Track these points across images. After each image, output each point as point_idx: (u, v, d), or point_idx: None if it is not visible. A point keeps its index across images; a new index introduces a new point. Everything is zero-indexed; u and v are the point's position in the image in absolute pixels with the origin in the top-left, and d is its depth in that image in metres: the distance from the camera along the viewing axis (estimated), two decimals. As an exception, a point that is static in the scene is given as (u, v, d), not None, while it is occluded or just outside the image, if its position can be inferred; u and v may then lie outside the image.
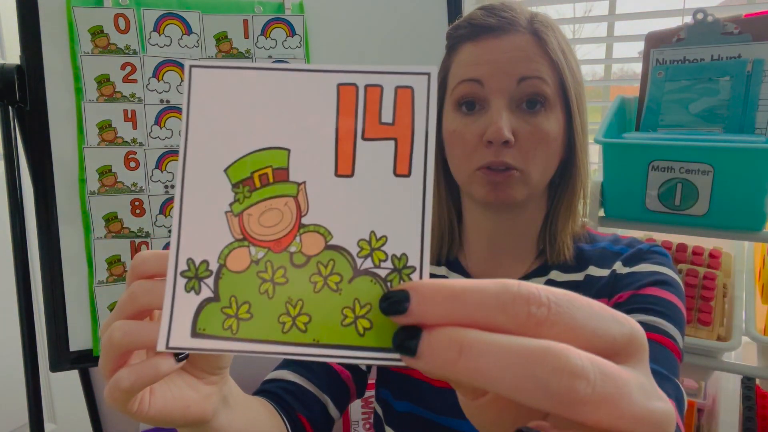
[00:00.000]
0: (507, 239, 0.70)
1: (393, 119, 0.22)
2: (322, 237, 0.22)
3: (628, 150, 0.87)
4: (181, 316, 0.23)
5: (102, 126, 0.94)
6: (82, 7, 0.92)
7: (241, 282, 0.22)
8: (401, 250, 0.22)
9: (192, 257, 0.23)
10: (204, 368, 0.43)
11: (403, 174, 0.22)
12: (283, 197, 0.23)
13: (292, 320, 0.22)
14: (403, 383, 0.69)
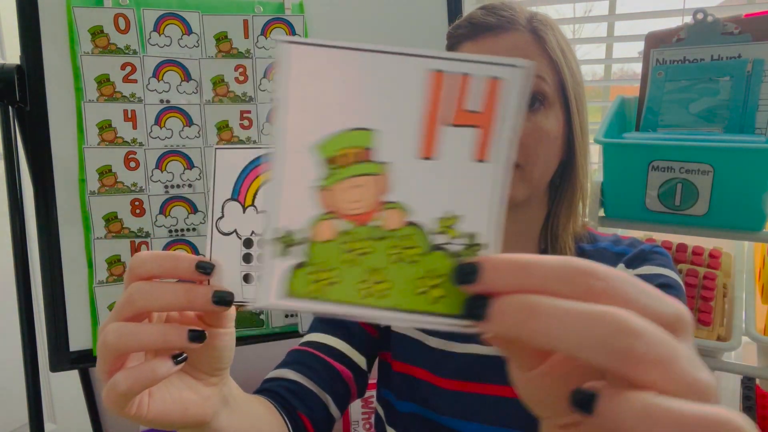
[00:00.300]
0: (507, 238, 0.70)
1: (480, 107, 0.23)
2: (401, 213, 0.24)
3: (628, 150, 0.87)
4: (273, 279, 0.25)
5: (102, 126, 0.94)
6: (82, 7, 0.92)
7: (327, 251, 0.25)
8: (474, 229, 0.24)
9: (284, 226, 0.25)
10: (203, 369, 0.43)
11: (481, 159, 0.24)
12: (369, 176, 0.24)
13: (372, 287, 0.24)
14: (407, 384, 0.69)
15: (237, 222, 0.38)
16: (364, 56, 0.23)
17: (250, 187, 0.38)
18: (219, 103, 0.99)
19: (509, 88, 0.23)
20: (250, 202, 0.39)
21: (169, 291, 0.36)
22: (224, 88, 1.00)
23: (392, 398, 0.70)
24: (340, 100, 0.24)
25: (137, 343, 0.35)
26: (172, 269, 0.37)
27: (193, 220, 0.99)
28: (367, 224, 0.25)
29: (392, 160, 0.24)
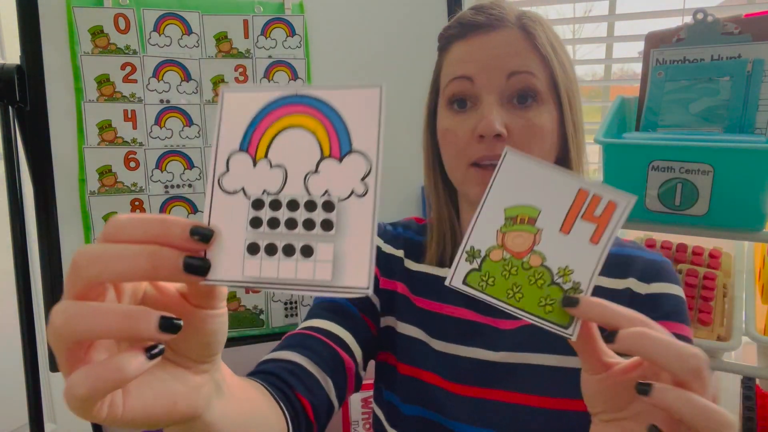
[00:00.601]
0: None
1: (600, 214, 0.39)
2: (541, 259, 0.40)
3: (628, 150, 0.87)
4: (460, 272, 0.41)
5: (102, 126, 0.94)
6: (82, 7, 0.92)
7: (493, 266, 0.41)
8: (579, 279, 0.39)
9: (474, 245, 0.41)
10: (191, 356, 0.35)
11: (594, 243, 0.39)
12: (528, 233, 0.41)
13: (514, 293, 0.40)
14: (414, 387, 0.68)
15: (245, 178, 0.32)
16: (554, 171, 0.40)
17: (264, 136, 0.32)
18: (219, 103, 0.99)
19: (621, 209, 0.39)
20: (263, 155, 0.32)
21: (127, 253, 0.29)
22: (224, 88, 1.00)
23: (396, 401, 0.70)
24: (530, 190, 0.41)
25: (90, 330, 0.28)
26: (159, 236, 0.30)
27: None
28: (520, 259, 0.40)
29: (544, 228, 0.40)
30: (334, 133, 0.32)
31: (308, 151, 0.32)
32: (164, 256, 0.29)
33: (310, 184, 0.32)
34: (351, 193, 0.31)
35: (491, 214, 0.41)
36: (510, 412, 0.64)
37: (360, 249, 0.30)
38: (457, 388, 0.66)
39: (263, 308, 1.04)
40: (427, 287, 0.71)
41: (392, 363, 0.72)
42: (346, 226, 0.31)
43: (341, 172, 0.31)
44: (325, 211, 0.31)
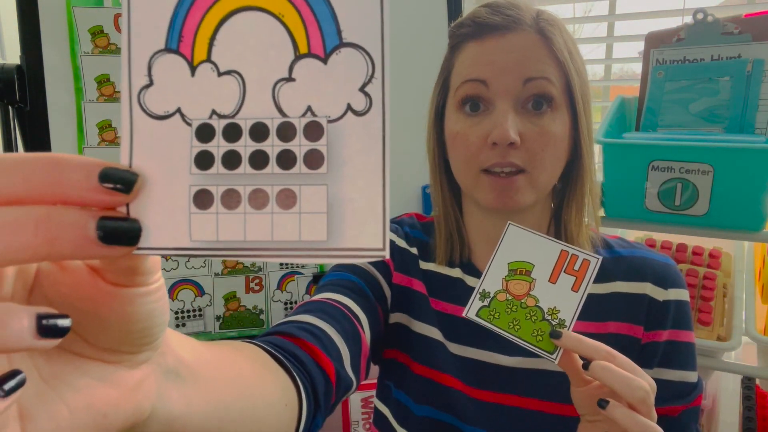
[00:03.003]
0: None
1: (579, 268, 0.52)
2: (535, 300, 0.52)
3: (628, 150, 0.87)
4: (474, 307, 0.52)
5: (102, 126, 0.94)
6: (82, 7, 0.92)
7: (499, 305, 0.52)
8: (564, 317, 0.51)
9: (485, 288, 0.53)
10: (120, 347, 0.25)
11: (574, 291, 0.51)
12: (525, 281, 0.52)
13: (514, 325, 0.51)
14: (429, 389, 0.68)
15: (181, 93, 0.21)
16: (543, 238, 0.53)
17: (202, 26, 0.21)
18: (219, 103, 0.99)
19: (593, 265, 0.51)
20: (204, 56, 0.21)
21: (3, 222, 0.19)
22: (224, 88, 1.00)
23: (408, 400, 0.69)
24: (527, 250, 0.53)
25: None
26: (51, 188, 0.20)
27: (193, 220, 0.99)
28: (519, 300, 0.52)
29: (537, 278, 0.52)
30: (313, 17, 0.21)
31: (275, 46, 0.21)
32: (64, 222, 0.20)
33: (282, 97, 0.21)
34: (347, 109, 0.21)
35: (498, 266, 0.53)
36: (526, 418, 0.64)
37: (366, 193, 0.21)
38: (474, 392, 0.66)
39: (263, 308, 1.04)
40: (442, 288, 0.70)
41: (404, 362, 0.71)
42: (342, 160, 0.21)
43: (329, 78, 0.21)
44: (308, 140, 0.21)
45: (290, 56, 0.21)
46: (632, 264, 0.67)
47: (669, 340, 0.65)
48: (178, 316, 0.99)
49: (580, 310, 0.51)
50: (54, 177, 0.20)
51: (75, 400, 0.23)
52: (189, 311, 1.00)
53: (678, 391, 0.64)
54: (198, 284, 1.00)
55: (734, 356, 1.09)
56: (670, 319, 0.65)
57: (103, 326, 0.24)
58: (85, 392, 0.24)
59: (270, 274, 1.03)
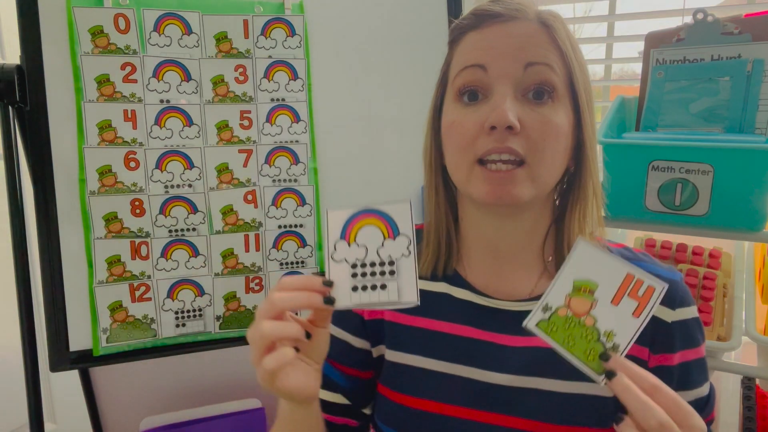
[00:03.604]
0: (510, 247, 0.65)
1: (642, 294, 0.51)
2: (594, 320, 0.52)
3: (628, 150, 0.88)
4: (535, 318, 0.53)
5: (102, 126, 0.94)
6: (82, 7, 0.92)
7: (558, 320, 0.53)
8: (619, 342, 0.51)
9: (548, 302, 0.54)
10: (313, 357, 0.57)
11: (635, 316, 0.51)
12: (587, 300, 0.53)
13: (568, 341, 0.52)
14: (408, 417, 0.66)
15: (345, 253, 0.55)
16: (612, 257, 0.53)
17: (352, 230, 0.55)
18: (219, 103, 0.99)
19: (657, 292, 0.51)
20: (353, 240, 0.55)
21: (299, 296, 0.53)
22: (224, 88, 0.99)
23: None
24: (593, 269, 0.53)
25: (282, 332, 0.51)
26: (308, 284, 0.54)
27: (193, 220, 0.99)
28: (579, 318, 0.52)
29: (600, 298, 0.52)
30: (389, 226, 0.55)
31: (377, 236, 0.55)
32: (314, 297, 0.53)
33: (380, 252, 0.54)
34: (401, 254, 0.54)
35: (564, 282, 0.54)
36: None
37: (409, 282, 0.54)
38: (463, 411, 0.64)
39: (263, 308, 1.04)
40: (426, 306, 0.67)
41: (384, 393, 0.70)
42: (401, 270, 0.54)
43: (396, 245, 0.54)
44: (390, 266, 0.54)
45: (382, 239, 0.55)
46: None
47: (681, 363, 0.63)
48: (178, 316, 0.99)
49: (636, 337, 0.50)
50: (309, 283, 0.54)
51: (299, 376, 0.55)
52: (189, 311, 1.00)
53: None
54: (198, 284, 1.00)
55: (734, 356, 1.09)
56: (679, 340, 0.62)
57: (312, 344, 0.56)
58: (302, 373, 0.55)
59: (270, 274, 1.03)
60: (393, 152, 1.09)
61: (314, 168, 1.05)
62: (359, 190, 1.08)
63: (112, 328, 0.96)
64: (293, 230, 1.04)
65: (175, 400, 1.24)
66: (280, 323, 0.52)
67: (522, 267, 0.66)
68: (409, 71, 1.10)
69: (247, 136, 1.01)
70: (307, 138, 1.04)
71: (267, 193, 1.02)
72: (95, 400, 1.20)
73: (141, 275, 0.97)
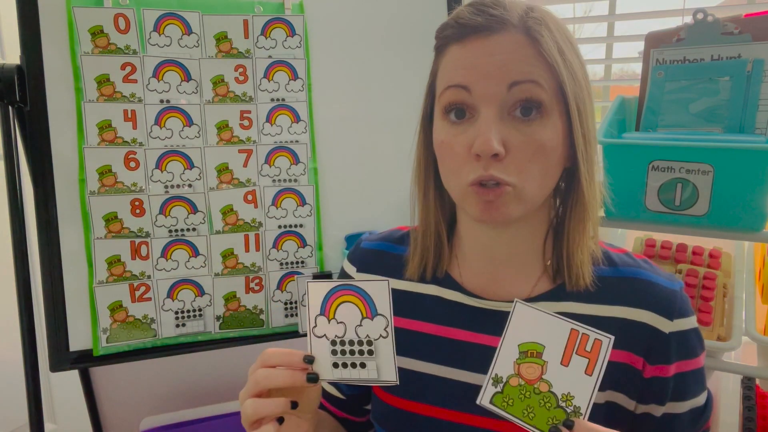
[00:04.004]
0: (508, 253, 0.65)
1: (591, 349, 0.50)
2: (548, 385, 0.50)
3: (628, 150, 0.87)
4: (488, 393, 0.52)
5: (102, 126, 0.94)
6: (82, 7, 0.92)
7: (512, 390, 0.51)
8: (579, 404, 0.49)
9: (497, 372, 0.52)
10: (303, 411, 0.59)
11: (588, 374, 0.49)
12: (537, 364, 0.51)
13: (528, 413, 0.50)
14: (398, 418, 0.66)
15: (325, 329, 0.56)
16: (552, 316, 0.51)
17: (332, 306, 0.56)
18: (219, 103, 0.99)
19: (605, 346, 0.49)
20: (332, 316, 0.56)
21: (282, 375, 0.54)
22: (224, 88, 1.00)
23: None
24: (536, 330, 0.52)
25: (264, 412, 0.53)
26: (289, 361, 0.55)
27: (193, 220, 0.99)
28: (532, 385, 0.51)
29: (549, 360, 0.51)
30: (366, 304, 0.55)
31: (355, 314, 0.56)
32: (297, 376, 0.54)
33: (358, 331, 0.55)
34: (379, 336, 0.55)
35: (509, 348, 0.52)
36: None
37: (387, 362, 0.55)
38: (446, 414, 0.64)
39: (263, 308, 1.04)
40: (414, 307, 0.68)
41: (377, 394, 0.70)
42: (379, 352, 0.55)
43: (374, 325, 0.55)
44: (368, 346, 0.55)
45: (360, 317, 0.56)
46: (636, 287, 0.63)
47: (677, 374, 0.62)
48: (178, 316, 0.99)
49: (595, 396, 0.48)
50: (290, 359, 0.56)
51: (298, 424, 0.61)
52: (189, 311, 1.00)
53: (689, 420, 0.63)
54: (198, 284, 1.00)
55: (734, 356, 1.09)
56: (676, 351, 0.61)
57: (302, 401, 0.57)
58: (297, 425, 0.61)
59: (270, 274, 1.03)
60: (393, 152, 1.09)
61: (314, 168, 1.05)
62: (359, 190, 1.08)
63: (112, 328, 0.96)
64: (293, 230, 1.04)
65: (175, 400, 1.24)
66: (263, 402, 0.53)
67: (520, 270, 0.66)
68: (409, 71, 1.10)
69: (247, 136, 1.01)
70: (307, 138, 1.04)
71: (267, 193, 1.02)
72: (95, 400, 1.20)
73: (141, 275, 0.97)
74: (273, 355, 0.55)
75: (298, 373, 0.54)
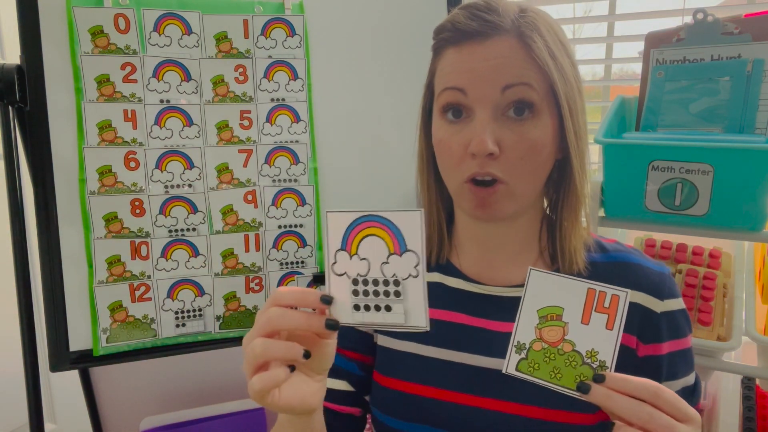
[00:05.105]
0: (501, 245, 0.69)
1: (609, 305, 0.50)
2: (572, 345, 0.51)
3: (628, 150, 0.87)
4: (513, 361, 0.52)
5: (102, 126, 0.94)
6: (82, 7, 0.92)
7: (536, 355, 0.52)
8: (604, 358, 0.50)
9: (519, 340, 0.52)
10: (314, 369, 0.54)
11: (609, 329, 0.50)
12: (558, 327, 0.52)
13: (555, 374, 0.51)
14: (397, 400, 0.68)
15: (346, 266, 0.51)
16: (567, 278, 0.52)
17: (354, 240, 0.50)
18: (219, 103, 0.99)
19: (623, 300, 0.50)
20: (355, 251, 0.50)
21: (297, 317, 0.49)
22: (224, 88, 0.99)
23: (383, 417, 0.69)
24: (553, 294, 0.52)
25: (274, 354, 0.48)
26: (303, 300, 0.50)
27: (193, 220, 0.99)
28: (556, 347, 0.51)
29: (569, 321, 0.51)
30: (395, 239, 0.49)
31: (381, 249, 0.49)
32: (314, 319, 0.50)
33: (384, 270, 0.49)
34: (408, 275, 0.49)
35: (528, 315, 0.52)
36: (502, 422, 0.63)
37: (417, 305, 0.49)
38: (448, 395, 0.65)
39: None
40: None
41: (377, 379, 0.72)
42: (407, 293, 0.49)
43: (402, 263, 0.49)
44: (395, 286, 0.49)
45: (387, 253, 0.50)
46: (627, 271, 0.67)
47: (670, 352, 0.65)
48: (178, 316, 0.99)
49: (618, 348, 0.49)
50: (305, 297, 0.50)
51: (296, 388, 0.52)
52: (189, 311, 1.00)
53: None
54: (198, 284, 1.00)
55: (734, 356, 1.09)
56: (667, 331, 0.65)
57: (315, 356, 0.51)
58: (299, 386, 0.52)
59: (270, 274, 1.03)
60: (393, 152, 1.09)
61: (314, 168, 1.05)
62: (359, 190, 1.08)
63: (112, 328, 0.96)
64: (293, 230, 1.04)
65: (175, 400, 1.24)
66: (274, 343, 0.48)
67: (515, 257, 0.69)
68: (409, 71, 1.10)
69: (247, 136, 1.01)
70: (307, 138, 1.04)
71: (267, 193, 1.02)
72: (95, 400, 1.20)
73: (141, 275, 0.97)
74: (286, 293, 0.50)
75: (315, 317, 0.49)
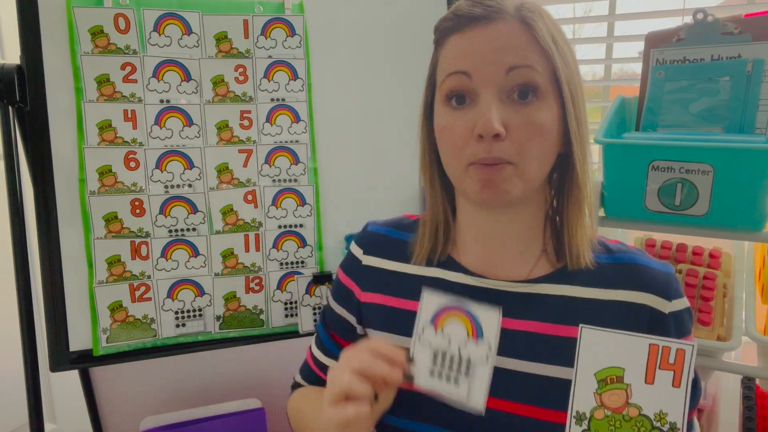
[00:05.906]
0: (505, 236, 0.68)
1: (674, 361, 0.47)
2: (638, 409, 0.47)
3: (628, 150, 0.87)
4: None
5: (102, 126, 0.94)
6: (82, 7, 0.92)
7: (599, 424, 0.48)
8: (674, 420, 0.46)
9: (578, 409, 0.49)
10: (375, 410, 0.60)
11: (676, 387, 0.47)
12: (620, 390, 0.48)
13: None
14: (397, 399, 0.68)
15: (431, 338, 0.58)
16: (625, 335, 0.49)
17: (441, 319, 0.58)
18: (219, 103, 0.99)
19: (689, 354, 0.47)
20: (440, 328, 0.58)
21: (385, 366, 0.56)
22: (224, 88, 1.00)
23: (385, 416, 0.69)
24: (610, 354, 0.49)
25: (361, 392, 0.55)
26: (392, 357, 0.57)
27: (193, 220, 0.99)
28: (620, 413, 0.47)
29: (632, 382, 0.48)
30: (474, 327, 0.56)
31: (462, 333, 0.56)
32: (396, 372, 0.57)
33: (461, 349, 0.56)
34: (479, 360, 0.55)
35: (585, 380, 0.49)
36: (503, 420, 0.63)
37: (480, 387, 0.54)
38: None
39: (263, 308, 1.04)
40: (412, 287, 0.70)
41: None
42: (475, 374, 0.55)
43: (476, 348, 0.55)
44: (467, 365, 0.56)
45: (465, 336, 0.56)
46: (633, 272, 0.66)
47: None
48: (178, 316, 0.99)
49: (688, 407, 0.46)
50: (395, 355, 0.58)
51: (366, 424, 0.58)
52: (189, 311, 1.00)
53: None
54: (198, 284, 1.00)
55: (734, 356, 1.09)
56: (675, 330, 0.64)
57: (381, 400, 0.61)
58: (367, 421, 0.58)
59: (270, 274, 1.03)
60: (393, 152, 1.09)
61: (314, 168, 1.05)
62: (359, 189, 1.08)
63: (112, 328, 0.96)
64: (293, 230, 1.04)
65: (175, 400, 1.24)
66: (361, 382, 0.55)
67: (518, 252, 0.68)
68: (409, 71, 1.10)
69: (247, 136, 1.01)
70: (307, 138, 1.04)
71: (267, 193, 1.02)
72: (95, 400, 1.20)
73: (141, 275, 0.97)
74: (381, 348, 0.58)
75: (397, 370, 0.57)
